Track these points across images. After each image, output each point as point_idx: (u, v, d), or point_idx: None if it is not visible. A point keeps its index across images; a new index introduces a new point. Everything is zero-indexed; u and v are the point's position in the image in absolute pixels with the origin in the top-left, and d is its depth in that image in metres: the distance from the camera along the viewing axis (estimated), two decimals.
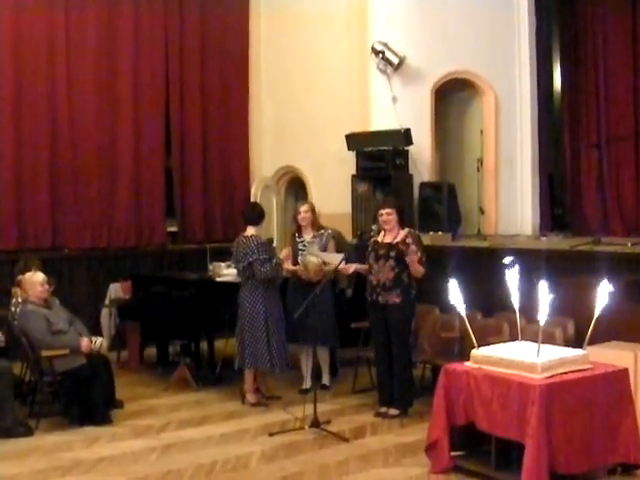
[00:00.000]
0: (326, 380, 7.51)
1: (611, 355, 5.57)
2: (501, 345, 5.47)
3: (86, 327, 6.95)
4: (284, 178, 11.03)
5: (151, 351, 8.78)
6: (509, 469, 4.93)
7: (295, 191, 11.05)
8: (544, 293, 4.85)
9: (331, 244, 7.39)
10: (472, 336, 5.25)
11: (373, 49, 9.43)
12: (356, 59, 9.76)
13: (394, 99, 9.54)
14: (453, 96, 10.51)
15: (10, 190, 9.21)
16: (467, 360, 5.25)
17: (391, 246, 6.51)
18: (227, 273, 8.08)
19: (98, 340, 6.91)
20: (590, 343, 5.10)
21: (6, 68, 9.19)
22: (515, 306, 5.27)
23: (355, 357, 7.44)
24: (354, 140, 9.48)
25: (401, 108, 9.53)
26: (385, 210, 6.57)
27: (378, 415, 6.59)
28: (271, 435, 6.14)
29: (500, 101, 10.34)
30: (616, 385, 5.03)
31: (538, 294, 4.88)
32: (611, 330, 5.80)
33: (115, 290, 9.20)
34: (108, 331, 9.04)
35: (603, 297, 4.90)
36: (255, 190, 10.75)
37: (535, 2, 10.53)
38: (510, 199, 10.37)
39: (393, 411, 6.55)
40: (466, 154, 10.61)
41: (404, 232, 6.57)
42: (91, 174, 9.75)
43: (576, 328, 6.34)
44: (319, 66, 10.14)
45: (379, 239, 6.64)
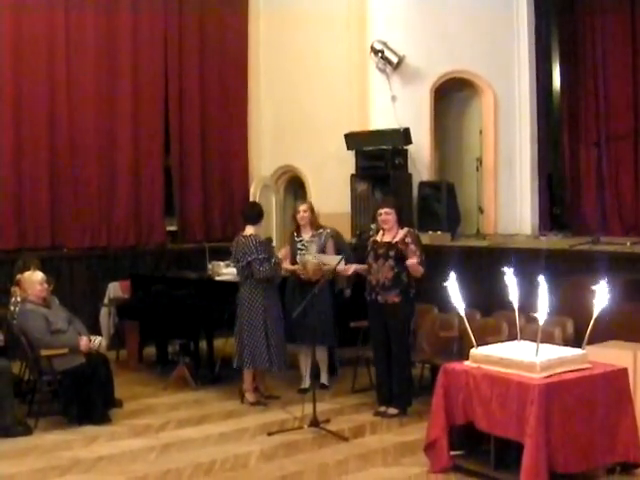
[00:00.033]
0: (324, 379, 7.51)
1: (610, 355, 5.57)
2: (500, 344, 5.47)
3: (85, 326, 6.95)
4: (283, 177, 11.03)
5: (150, 350, 8.79)
6: (508, 468, 4.92)
7: (294, 190, 11.04)
8: (543, 292, 4.86)
9: (330, 243, 7.38)
10: (471, 335, 5.25)
11: (372, 48, 9.43)
12: (355, 58, 9.76)
13: (393, 98, 9.55)
14: (452, 95, 10.50)
15: (10, 189, 9.21)
16: (466, 359, 5.25)
17: (390, 245, 6.51)
18: (226, 272, 8.08)
19: (97, 339, 6.90)
20: (589, 343, 5.09)
21: (6, 68, 9.18)
22: (514, 305, 5.27)
23: (354, 356, 7.44)
24: (353, 139, 9.48)
25: (400, 107, 9.53)
26: (384, 210, 6.57)
27: (377, 414, 6.59)
28: (270, 434, 6.14)
29: (499, 100, 10.33)
30: (615, 385, 5.03)
31: (537, 293, 4.89)
32: (610, 330, 5.79)
33: (114, 289, 9.19)
34: (107, 330, 9.02)
35: (602, 297, 4.90)
36: (254, 189, 10.75)
37: (534, 2, 10.53)
38: (509, 198, 10.37)
39: (392, 410, 6.55)
40: (465, 153, 10.61)
41: (403, 232, 6.57)
42: (90, 173, 9.76)
43: (575, 327, 6.34)
44: (318, 65, 10.14)
45: (378, 239, 6.64)
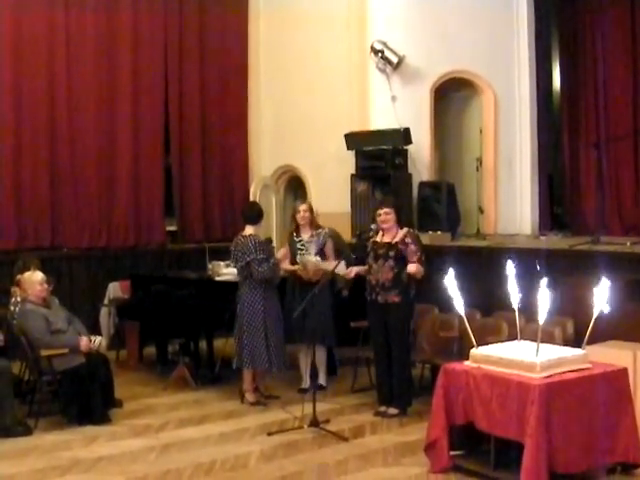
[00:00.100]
0: (322, 380, 7.45)
1: (610, 354, 5.57)
2: (500, 344, 5.47)
3: (85, 326, 6.95)
4: (283, 177, 11.03)
5: (150, 350, 8.78)
6: (508, 469, 4.92)
7: (294, 190, 11.04)
8: (543, 292, 4.85)
9: (329, 243, 7.37)
10: (471, 335, 5.25)
11: (372, 48, 9.43)
12: (355, 58, 9.75)
13: (393, 98, 9.54)
14: (452, 95, 10.50)
15: (9, 189, 9.22)
16: (466, 359, 5.25)
17: (390, 246, 6.50)
18: (226, 272, 8.07)
19: (97, 339, 6.90)
20: (589, 342, 5.10)
21: (6, 68, 9.19)
22: (514, 305, 5.26)
23: (354, 357, 7.44)
24: (353, 139, 9.48)
25: (400, 107, 9.53)
26: (383, 210, 6.56)
27: (377, 414, 6.59)
28: (270, 434, 6.13)
29: (499, 100, 10.33)
30: (615, 384, 5.03)
31: (537, 293, 4.88)
32: (610, 330, 5.79)
33: (114, 289, 9.19)
34: (107, 330, 9.02)
35: (602, 298, 4.90)
36: (254, 189, 10.75)
37: (534, 2, 10.53)
38: (509, 198, 10.37)
39: (392, 410, 6.55)
40: (465, 153, 10.61)
41: (403, 232, 6.56)
42: (90, 173, 9.76)
43: (575, 327, 6.34)
44: (318, 65, 10.13)
45: (378, 239, 6.64)
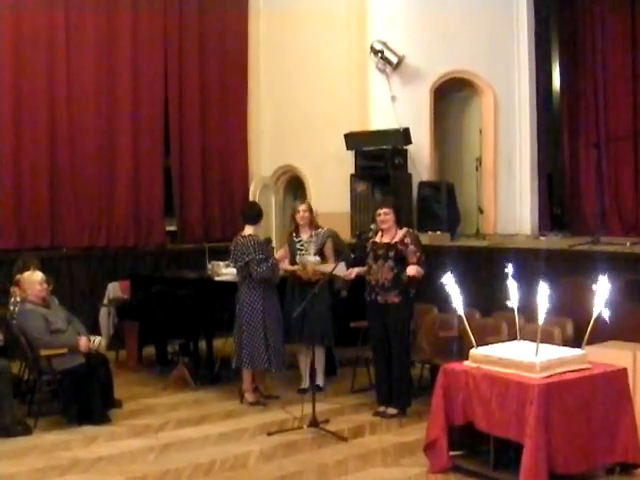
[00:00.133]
0: (320, 381, 7.35)
1: (610, 355, 5.57)
2: (500, 344, 5.46)
3: (85, 326, 6.95)
4: (283, 177, 11.03)
5: (150, 350, 8.78)
6: (508, 469, 4.92)
7: (294, 190, 11.04)
8: (543, 292, 4.85)
9: (328, 243, 7.36)
10: (471, 335, 5.24)
11: (372, 48, 9.44)
12: (355, 58, 9.76)
13: (393, 98, 9.55)
14: (452, 95, 10.50)
15: (9, 189, 9.22)
16: (466, 359, 5.24)
17: (390, 246, 6.50)
18: (226, 272, 8.06)
19: (97, 339, 6.90)
20: (589, 343, 5.09)
21: (6, 68, 9.19)
22: (514, 305, 5.26)
23: (354, 357, 7.44)
24: (353, 139, 9.48)
25: (400, 107, 9.54)
26: (382, 210, 6.55)
27: (377, 414, 6.58)
28: (269, 434, 6.13)
29: (499, 101, 10.33)
30: (615, 385, 5.03)
31: (537, 293, 4.88)
32: (610, 330, 5.78)
33: (114, 289, 9.18)
34: (107, 330, 9.01)
35: (601, 298, 4.89)
36: (254, 189, 10.75)
37: (534, 2, 10.54)
38: (509, 199, 10.37)
39: (392, 410, 6.55)
40: (465, 153, 10.61)
41: (402, 232, 6.56)
42: (90, 173, 9.76)
43: (575, 328, 6.34)
44: (318, 66, 10.14)
45: (377, 239, 6.63)
